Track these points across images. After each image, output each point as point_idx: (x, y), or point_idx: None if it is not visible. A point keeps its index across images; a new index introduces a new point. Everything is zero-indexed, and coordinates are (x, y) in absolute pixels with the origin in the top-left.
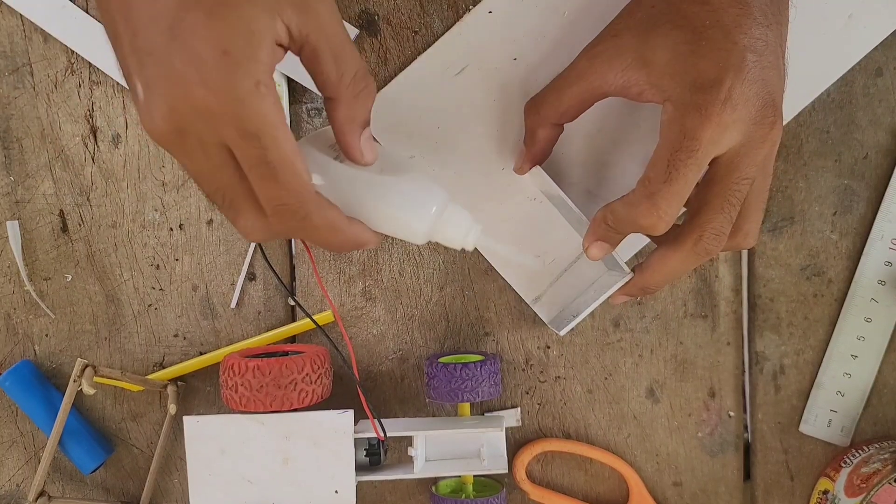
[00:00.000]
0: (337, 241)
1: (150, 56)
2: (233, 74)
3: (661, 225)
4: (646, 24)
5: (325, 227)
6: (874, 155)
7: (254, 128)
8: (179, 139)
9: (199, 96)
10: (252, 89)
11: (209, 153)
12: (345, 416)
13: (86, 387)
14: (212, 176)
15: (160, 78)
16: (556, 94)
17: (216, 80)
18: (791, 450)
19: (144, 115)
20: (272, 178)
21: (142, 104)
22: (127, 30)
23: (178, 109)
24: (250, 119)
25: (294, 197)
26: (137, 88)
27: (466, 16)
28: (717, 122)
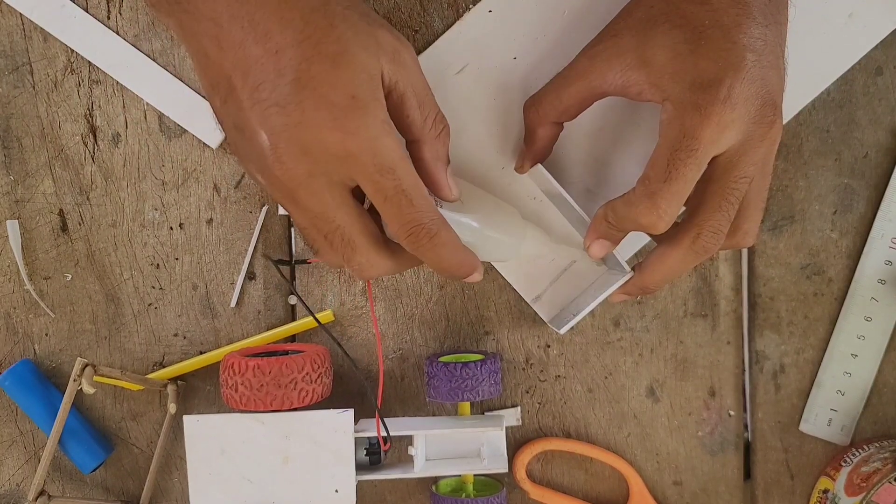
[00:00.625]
0: (457, 261)
1: (276, 107)
2: (364, 116)
3: (661, 224)
4: (645, 24)
5: (450, 244)
6: (874, 154)
7: (389, 162)
8: (308, 181)
9: (335, 139)
10: (381, 127)
11: (334, 193)
12: (345, 415)
13: (86, 386)
14: (333, 216)
15: (292, 125)
16: (556, 93)
17: (350, 122)
18: (791, 449)
19: (272, 161)
20: (409, 204)
21: (267, 151)
22: (247, 83)
23: (313, 152)
24: (386, 154)
25: (427, 216)
26: (261, 137)
27: (466, 15)
28: (717, 122)
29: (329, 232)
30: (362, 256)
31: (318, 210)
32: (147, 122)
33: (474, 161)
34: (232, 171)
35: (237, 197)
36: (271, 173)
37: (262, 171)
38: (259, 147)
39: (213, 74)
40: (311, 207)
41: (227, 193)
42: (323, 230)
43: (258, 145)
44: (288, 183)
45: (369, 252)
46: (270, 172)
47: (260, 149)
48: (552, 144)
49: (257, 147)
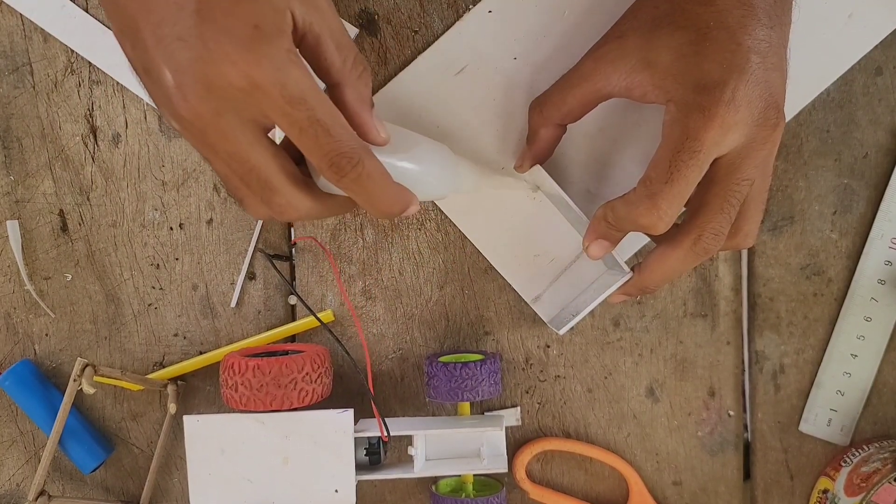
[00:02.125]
0: (388, 195)
1: (178, 41)
2: (269, 45)
3: (661, 225)
4: (650, 26)
5: (377, 175)
6: (874, 154)
7: (298, 91)
8: (215, 120)
9: (239, 70)
10: (287, 56)
11: (245, 131)
12: (345, 415)
13: (86, 386)
14: (246, 156)
15: (194, 60)
16: (560, 94)
17: (253, 52)
18: (791, 449)
19: (178, 100)
20: (326, 133)
21: (172, 90)
22: (149, 21)
23: (217, 87)
24: (294, 83)
25: (347, 144)
26: (166, 76)
27: (466, 15)
28: (720, 124)
29: (245, 173)
30: (282, 197)
31: (230, 150)
32: (147, 123)
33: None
34: None
35: None
36: (179, 114)
37: (173, 114)
38: (165, 86)
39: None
40: (222, 148)
41: (226, 193)
42: (238, 172)
43: (164, 85)
44: (196, 122)
45: (289, 191)
46: (178, 113)
47: (166, 88)
48: (554, 146)
49: (164, 87)
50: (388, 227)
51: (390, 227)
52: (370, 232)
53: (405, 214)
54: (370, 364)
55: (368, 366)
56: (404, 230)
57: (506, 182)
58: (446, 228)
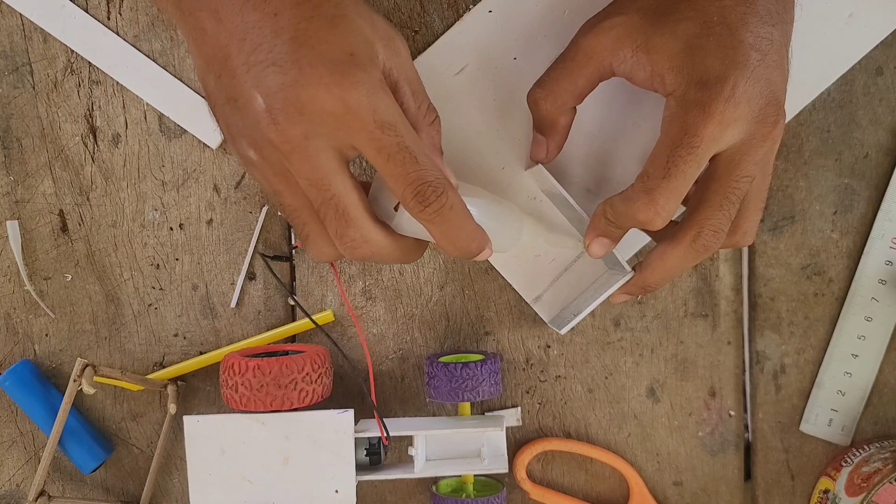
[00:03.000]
0: (466, 232)
1: (273, 66)
2: (363, 72)
3: (659, 220)
4: (655, 11)
5: (459, 209)
6: (874, 154)
7: (390, 118)
8: (303, 144)
9: (333, 94)
10: (380, 84)
11: (331, 158)
12: (345, 415)
13: (86, 386)
14: (329, 183)
15: (288, 84)
16: (570, 78)
17: (348, 77)
18: (792, 449)
19: (266, 123)
20: (413, 161)
21: (262, 114)
22: (242, 49)
23: (310, 110)
24: (386, 109)
25: (433, 174)
26: (256, 101)
27: (466, 15)
28: (719, 120)
29: (323, 202)
30: (356, 230)
31: (312, 177)
32: (147, 123)
33: (474, 161)
34: (232, 172)
35: (237, 197)
36: (265, 138)
37: (256, 141)
38: (253, 112)
39: (209, 50)
40: (305, 174)
41: (227, 194)
42: (317, 201)
43: (252, 110)
44: (282, 146)
45: (366, 224)
46: (265, 137)
47: (254, 113)
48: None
49: (251, 112)
50: None
51: None
52: None
53: (479, 258)
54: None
55: (370, 368)
56: None
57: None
58: None
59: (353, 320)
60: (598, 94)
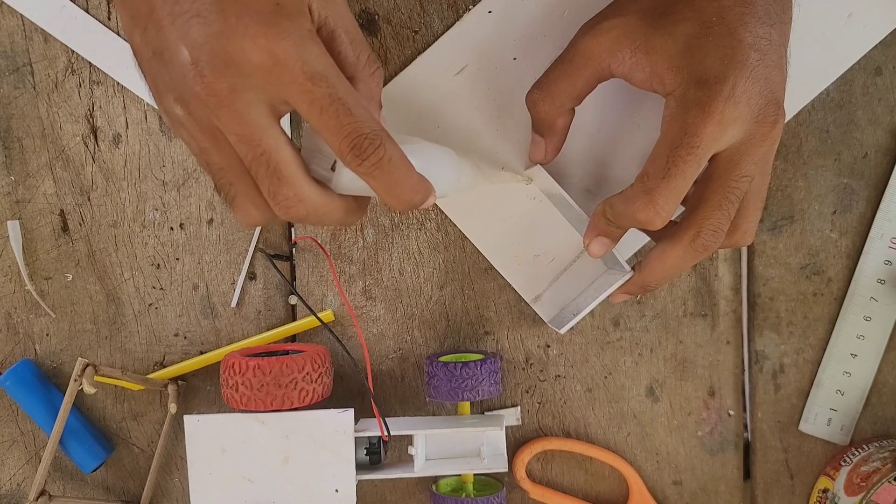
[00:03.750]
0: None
1: (197, 17)
2: (291, 22)
3: (658, 220)
4: (654, 11)
5: (398, 160)
6: (874, 154)
7: (321, 68)
8: (231, 97)
9: (260, 45)
10: (309, 35)
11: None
12: (345, 415)
13: (86, 386)
14: (259, 138)
15: (213, 35)
16: (569, 79)
17: (275, 27)
18: (791, 448)
19: (193, 77)
20: (348, 112)
21: (188, 67)
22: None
23: (237, 62)
24: (316, 60)
25: (369, 126)
26: (181, 54)
27: (466, 15)
28: (719, 119)
29: (254, 158)
30: (290, 188)
31: (242, 132)
32: (147, 123)
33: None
34: None
35: None
36: (192, 92)
37: (182, 95)
38: (179, 65)
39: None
40: (233, 129)
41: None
42: (247, 157)
43: (178, 63)
44: (209, 100)
45: (299, 182)
46: (191, 91)
47: (180, 66)
48: (567, 132)
49: (177, 65)
50: (388, 226)
51: (390, 226)
52: (370, 232)
53: (424, 206)
54: (370, 363)
55: (368, 365)
56: (404, 230)
57: (503, 177)
58: (446, 228)
59: (353, 320)
60: (597, 94)
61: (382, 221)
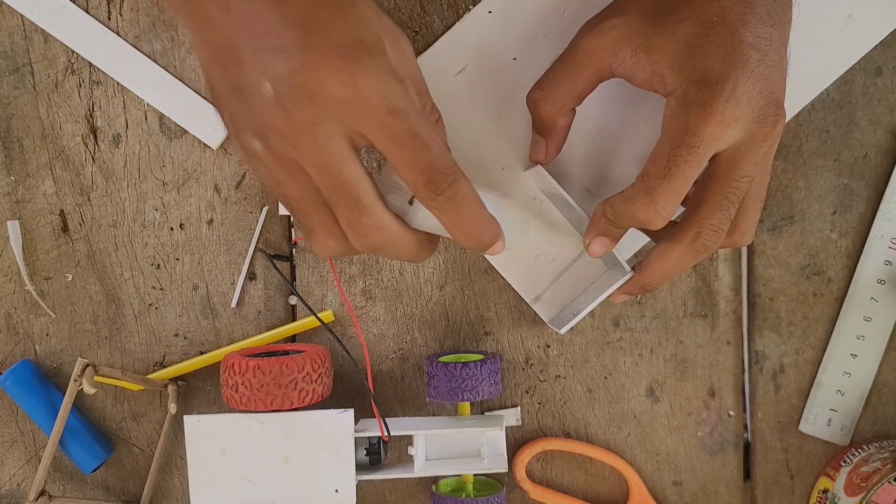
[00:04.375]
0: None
1: (282, 52)
2: (372, 58)
3: (659, 220)
4: (654, 11)
5: (471, 198)
6: (874, 154)
7: (400, 104)
8: (312, 129)
9: (342, 79)
10: (390, 71)
11: (341, 144)
12: (345, 415)
13: (86, 386)
14: (339, 169)
15: (297, 69)
16: (570, 79)
17: (358, 62)
18: (791, 449)
19: (275, 110)
20: (425, 148)
21: (269, 101)
22: (250, 36)
23: (319, 95)
24: (395, 95)
25: (444, 162)
26: (264, 88)
27: (466, 16)
28: (720, 119)
29: (334, 188)
30: (369, 217)
31: (322, 162)
32: (148, 123)
33: (473, 161)
34: (232, 172)
35: (238, 197)
36: (272, 126)
37: (261, 130)
38: (260, 99)
39: (215, 40)
40: (314, 161)
41: (227, 194)
42: (327, 188)
43: (259, 97)
44: (290, 132)
45: (378, 212)
46: (271, 125)
47: (261, 100)
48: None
49: (258, 100)
50: None
51: None
52: None
53: (492, 251)
54: (370, 364)
55: (368, 365)
56: None
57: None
58: None
59: (353, 320)
60: (597, 94)
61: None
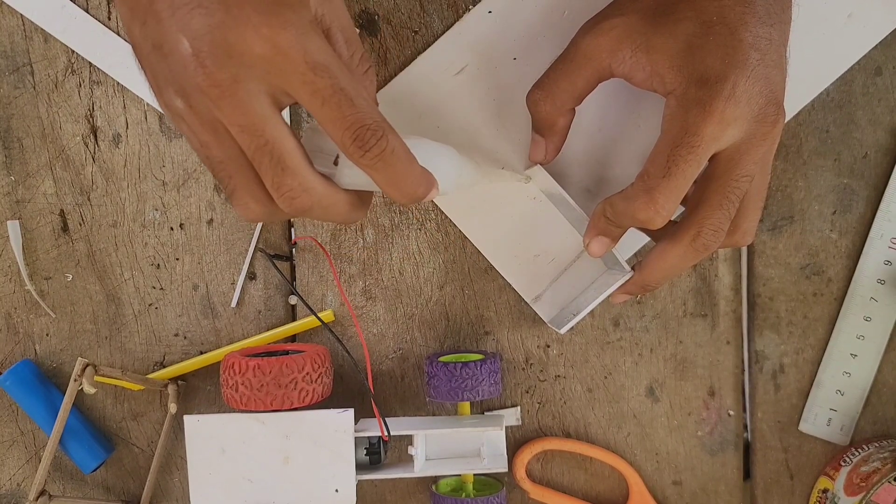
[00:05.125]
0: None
1: (198, 8)
2: (293, 12)
3: (658, 219)
4: (654, 11)
5: (401, 152)
6: (874, 154)
7: (323, 59)
8: (233, 87)
9: (262, 34)
10: (311, 26)
11: (263, 103)
12: (345, 415)
13: (86, 386)
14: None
15: (214, 25)
16: (569, 79)
17: (277, 17)
18: (791, 449)
19: (194, 68)
20: (350, 104)
21: (189, 58)
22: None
23: (238, 52)
24: (318, 50)
25: (371, 117)
26: (182, 45)
27: (466, 15)
28: (720, 118)
29: (257, 148)
30: (294, 178)
31: (244, 122)
32: (148, 123)
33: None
34: None
35: None
36: (193, 84)
37: (183, 87)
38: (180, 56)
39: None
40: (236, 120)
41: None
42: (249, 148)
43: (179, 55)
44: (211, 91)
45: (304, 172)
46: (192, 83)
47: (181, 58)
48: (568, 132)
49: (178, 57)
50: (388, 227)
51: (390, 227)
52: (370, 232)
53: (426, 199)
54: (370, 363)
55: (368, 365)
56: (404, 230)
57: (502, 175)
58: (446, 228)
59: (354, 320)
60: (597, 94)
61: (382, 221)
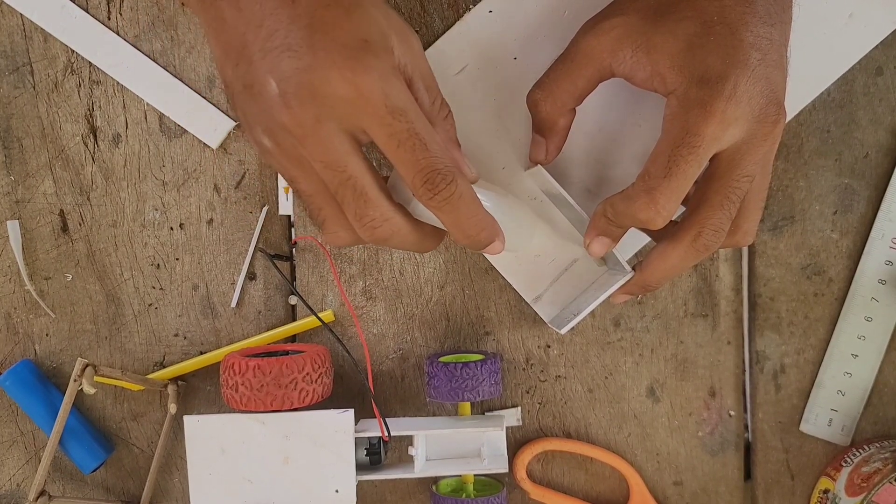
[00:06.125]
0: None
1: (288, 51)
2: (376, 58)
3: (659, 219)
4: (654, 10)
5: (469, 198)
6: (874, 154)
7: (401, 103)
8: (316, 127)
9: (345, 77)
10: (392, 71)
11: (344, 141)
12: (345, 415)
13: (86, 386)
14: (344, 164)
15: (301, 68)
16: (570, 79)
17: (361, 62)
18: (792, 449)
19: (279, 108)
20: (424, 148)
21: (275, 99)
22: (259, 35)
23: (322, 93)
24: (397, 95)
25: (443, 162)
26: (270, 86)
27: (467, 15)
28: (721, 118)
29: (340, 183)
30: (375, 210)
31: (327, 159)
32: (147, 123)
33: (474, 161)
34: (232, 172)
35: (237, 197)
36: (279, 123)
37: (270, 127)
38: (267, 97)
39: (227, 38)
40: (319, 157)
41: (227, 194)
42: (333, 183)
43: (266, 95)
44: (295, 130)
45: (383, 204)
46: (278, 122)
47: (268, 98)
48: (568, 132)
49: (266, 98)
50: None
51: None
52: None
53: (490, 250)
54: (370, 364)
55: (368, 365)
56: None
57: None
58: None
59: (354, 320)
60: (598, 94)
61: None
